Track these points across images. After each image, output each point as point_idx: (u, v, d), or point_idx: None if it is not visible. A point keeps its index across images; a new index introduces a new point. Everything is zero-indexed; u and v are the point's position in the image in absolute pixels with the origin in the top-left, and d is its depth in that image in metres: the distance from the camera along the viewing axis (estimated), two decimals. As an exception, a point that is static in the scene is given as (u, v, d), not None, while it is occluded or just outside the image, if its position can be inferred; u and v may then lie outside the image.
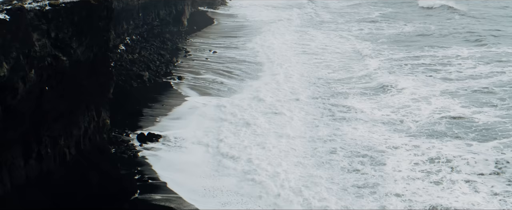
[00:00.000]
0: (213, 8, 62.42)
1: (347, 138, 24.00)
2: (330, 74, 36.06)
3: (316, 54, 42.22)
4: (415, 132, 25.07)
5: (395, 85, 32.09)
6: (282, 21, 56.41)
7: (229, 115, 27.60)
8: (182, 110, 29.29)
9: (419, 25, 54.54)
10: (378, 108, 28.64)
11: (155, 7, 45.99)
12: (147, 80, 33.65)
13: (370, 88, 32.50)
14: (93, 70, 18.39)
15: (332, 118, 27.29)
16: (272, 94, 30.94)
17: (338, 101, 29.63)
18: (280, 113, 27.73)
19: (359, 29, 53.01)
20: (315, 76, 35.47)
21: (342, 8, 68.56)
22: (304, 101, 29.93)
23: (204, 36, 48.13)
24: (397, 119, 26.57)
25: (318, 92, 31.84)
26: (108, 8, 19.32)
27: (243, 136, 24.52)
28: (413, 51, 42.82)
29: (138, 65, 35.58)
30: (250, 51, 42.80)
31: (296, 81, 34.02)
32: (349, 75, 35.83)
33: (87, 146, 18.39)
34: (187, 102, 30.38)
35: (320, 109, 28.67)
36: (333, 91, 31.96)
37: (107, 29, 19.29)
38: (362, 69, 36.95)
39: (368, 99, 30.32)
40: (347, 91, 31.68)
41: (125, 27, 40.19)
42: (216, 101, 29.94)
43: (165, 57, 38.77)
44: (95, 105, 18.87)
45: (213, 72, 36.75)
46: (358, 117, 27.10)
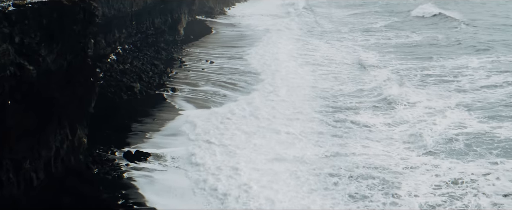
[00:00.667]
0: (212, 17, 60.19)
1: (355, 158, 21.26)
2: (337, 87, 33.43)
3: (321, 65, 39.73)
4: (432, 149, 22.46)
5: (407, 98, 29.56)
6: (283, 31, 54.10)
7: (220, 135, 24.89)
8: (176, 124, 26.81)
9: (425, 34, 52.30)
10: (390, 123, 26.07)
11: (150, 15, 43.68)
12: (138, 92, 31.21)
13: (380, 101, 29.95)
14: (67, 81, 15.93)
15: (338, 135, 24.56)
16: (272, 109, 28.34)
17: (346, 116, 26.99)
18: (279, 131, 25.03)
19: (364, 39, 50.64)
20: (320, 89, 32.85)
21: (344, 17, 66.30)
22: (308, 116, 27.27)
23: (201, 46, 45.78)
24: (412, 135, 23.96)
25: (324, 107, 29.16)
26: (86, 10, 16.92)
27: (237, 158, 21.81)
28: (421, 62, 40.59)
29: (129, 76, 33.16)
30: (250, 62, 40.41)
31: (299, 94, 31.41)
32: (357, 87, 33.25)
33: (59, 168, 15.87)
34: (182, 117, 27.93)
35: (325, 125, 25.94)
36: (340, 105, 29.34)
37: (85, 34, 16.86)
38: (370, 80, 34.48)
39: (379, 113, 27.71)
40: (355, 105, 29.08)
41: (117, 35, 37.82)
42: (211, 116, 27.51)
43: (158, 68, 36.36)
44: (70, 121, 16.37)
45: (212, 83, 34.33)
46: (368, 133, 24.54)
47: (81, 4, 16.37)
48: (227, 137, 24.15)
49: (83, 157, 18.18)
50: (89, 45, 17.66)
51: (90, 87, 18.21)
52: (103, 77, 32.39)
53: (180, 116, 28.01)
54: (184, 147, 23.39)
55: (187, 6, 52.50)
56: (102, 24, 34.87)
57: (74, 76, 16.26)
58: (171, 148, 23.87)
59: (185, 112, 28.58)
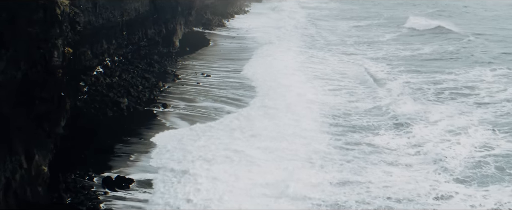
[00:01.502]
0: (210, 29, 57.24)
1: (376, 187, 18.06)
2: (347, 103, 30.20)
3: (327, 79, 36.50)
4: (461, 175, 19.35)
5: (425, 115, 26.61)
6: (285, 43, 51.05)
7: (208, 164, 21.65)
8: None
9: (434, 47, 49.30)
10: (410, 144, 22.94)
11: (143, 25, 40.77)
12: (125, 109, 28.13)
13: (396, 119, 26.77)
14: (23, 97, 12.87)
15: (354, 160, 21.19)
16: (273, 129, 25.09)
17: (362, 138, 23.79)
18: (282, 156, 21.78)
19: (372, 51, 47.66)
20: (329, 105, 29.65)
21: (348, 30, 63.42)
22: (315, 137, 24.10)
23: (197, 59, 42.72)
24: (436, 159, 20.79)
25: (336, 127, 25.89)
26: (47, 8, 13.85)
27: (228, 189, 18.60)
28: (432, 74, 37.68)
29: (116, 90, 30.10)
30: (250, 75, 37.31)
31: (305, 111, 28.27)
32: (371, 104, 29.91)
33: (12, 203, 12.73)
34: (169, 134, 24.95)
35: (336, 148, 22.72)
36: (354, 125, 26.10)
37: (45, 39, 13.81)
38: (384, 96, 31.32)
39: (396, 133, 24.54)
40: (370, 124, 25.89)
41: (105, 46, 34.86)
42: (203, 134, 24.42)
43: (150, 81, 33.28)
44: (25, 146, 13.26)
45: (208, 98, 31.29)
46: (386, 156, 21.38)
47: (40, 0, 13.32)
48: (219, 162, 20.97)
49: (43, 188, 14.95)
50: (56, 53, 14.54)
51: (57, 104, 15.08)
52: (87, 92, 29.42)
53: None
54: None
55: (183, 17, 49.61)
56: (88, 33, 31.97)
57: (32, 90, 13.18)
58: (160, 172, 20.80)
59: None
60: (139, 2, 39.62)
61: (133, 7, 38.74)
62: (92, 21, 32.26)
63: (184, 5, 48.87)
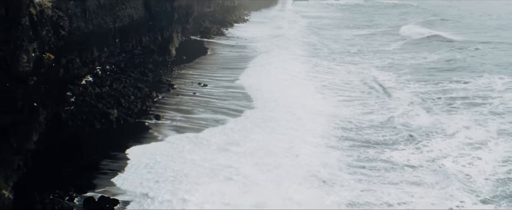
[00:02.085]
0: (208, 37, 55.24)
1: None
2: (359, 115, 27.90)
3: (337, 89, 34.30)
4: (489, 195, 17.21)
5: (442, 127, 24.57)
6: (288, 52, 48.92)
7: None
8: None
9: (440, 55, 47.31)
10: (430, 159, 20.80)
11: (137, 32, 38.74)
12: (115, 120, 26.03)
13: (411, 131, 24.68)
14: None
15: (368, 179, 19.00)
16: (276, 144, 22.79)
17: (377, 154, 21.55)
18: (283, 176, 19.49)
19: (377, 60, 45.67)
20: (340, 118, 27.33)
21: (353, 38, 61.47)
22: (326, 155, 21.71)
23: (195, 68, 40.66)
24: (460, 176, 18.62)
25: (343, 140, 23.74)
26: (10, 5, 11.76)
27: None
28: (440, 83, 35.78)
29: (105, 101, 28.00)
30: (250, 85, 35.11)
31: (312, 124, 25.98)
32: (382, 116, 27.68)
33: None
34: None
35: (351, 167, 20.33)
36: (367, 139, 23.85)
37: (7, 40, 11.71)
38: (396, 106, 29.25)
39: (415, 148, 22.28)
40: (384, 139, 23.69)
41: (96, 54, 32.80)
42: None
43: (142, 91, 31.17)
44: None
45: (204, 109, 29.18)
46: (407, 174, 19.17)
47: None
48: (210, 181, 18.77)
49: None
50: (25, 58, 12.43)
51: (28, 116, 12.94)
52: (74, 102, 27.32)
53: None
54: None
55: (180, 25, 47.62)
56: (77, 40, 29.94)
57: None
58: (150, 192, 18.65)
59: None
60: (133, 8, 37.64)
61: (127, 14, 36.74)
62: (81, 27, 30.22)
63: (181, 12, 46.92)
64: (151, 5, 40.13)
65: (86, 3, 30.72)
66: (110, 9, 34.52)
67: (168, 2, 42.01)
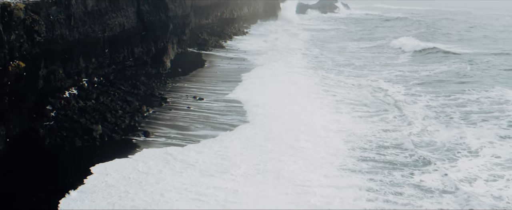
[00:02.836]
0: (206, 49, 52.67)
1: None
2: (377, 133, 25.13)
3: (346, 104, 31.69)
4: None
5: (466, 143, 22.11)
6: (291, 64, 46.51)
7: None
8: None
9: (450, 67, 45.27)
10: (466, 180, 18.32)
11: (129, 42, 36.20)
12: (99, 137, 23.32)
13: (433, 151, 22.03)
14: None
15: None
16: (286, 168, 19.85)
17: (404, 179, 18.75)
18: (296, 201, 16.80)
19: (386, 72, 43.32)
20: (359, 136, 24.57)
21: (358, 50, 59.08)
22: (344, 180, 18.92)
23: (190, 80, 38.02)
24: (500, 204, 15.93)
25: (367, 163, 20.86)
26: None
27: None
28: (452, 95, 33.99)
29: (89, 116, 25.34)
30: (251, 99, 32.41)
31: (325, 144, 23.06)
32: (401, 133, 24.95)
33: None
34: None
35: (376, 194, 17.56)
36: (388, 161, 21.06)
37: None
38: (411, 121, 26.82)
39: (441, 169, 19.54)
40: (406, 161, 20.93)
41: (83, 65, 30.23)
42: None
43: (132, 105, 28.51)
44: None
45: (206, 126, 26.50)
46: (434, 200, 16.47)
47: None
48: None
49: None
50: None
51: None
52: (54, 117, 24.64)
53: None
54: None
55: (176, 36, 45.10)
56: (60, 49, 27.37)
57: None
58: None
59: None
60: (124, 17, 35.16)
61: (117, 22, 34.26)
62: (65, 35, 27.69)
63: (177, 23, 44.45)
64: (144, 14, 37.69)
65: (70, 9, 28.25)
66: (98, 17, 32.04)
67: (162, 12, 39.53)
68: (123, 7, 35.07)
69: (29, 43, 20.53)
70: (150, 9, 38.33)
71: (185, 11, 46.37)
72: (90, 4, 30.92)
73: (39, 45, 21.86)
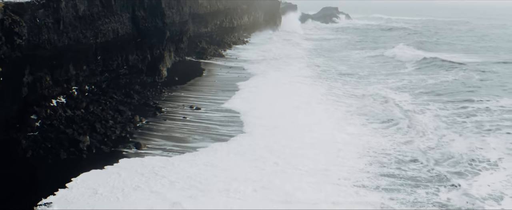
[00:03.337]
0: (204, 58, 51.02)
1: None
2: (394, 147, 23.37)
3: (360, 114, 30.05)
4: None
5: (482, 154, 20.63)
6: (293, 73, 44.85)
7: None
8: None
9: (456, 76, 43.72)
10: (493, 197, 16.57)
11: (122, 49, 34.56)
12: (86, 149, 21.55)
13: (454, 165, 20.35)
14: None
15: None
16: (297, 186, 17.96)
17: (428, 196, 16.99)
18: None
19: (392, 81, 41.71)
20: (376, 149, 22.87)
21: (362, 60, 57.46)
22: (369, 198, 17.17)
23: (188, 90, 36.31)
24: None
25: (387, 180, 19.15)
26: None
27: None
28: (461, 104, 32.66)
29: (77, 126, 23.60)
30: (252, 109, 30.70)
31: (340, 158, 21.38)
32: (415, 144, 23.39)
33: None
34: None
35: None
36: (409, 177, 19.31)
37: None
38: (425, 132, 25.30)
39: (466, 185, 17.91)
40: (427, 176, 19.20)
41: (73, 72, 28.58)
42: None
43: (124, 115, 26.78)
44: None
45: (206, 137, 24.78)
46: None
47: None
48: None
49: None
50: None
51: None
52: (39, 127, 22.90)
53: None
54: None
55: (173, 44, 43.46)
56: (48, 55, 25.71)
57: None
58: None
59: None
60: (118, 22, 33.57)
61: (111, 28, 32.66)
62: (53, 40, 26.07)
63: (174, 30, 42.84)
64: (139, 20, 36.10)
65: (59, 12, 26.64)
66: (90, 22, 30.46)
67: (159, 18, 37.93)
68: (117, 12, 33.49)
69: (8, 46, 18.88)
70: (146, 15, 36.75)
71: (183, 18, 44.79)
72: (82, 8, 29.34)
73: (21, 49, 20.20)
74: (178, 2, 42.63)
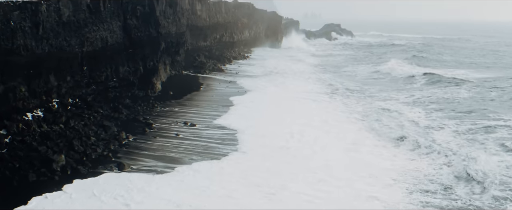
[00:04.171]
0: (202, 72, 48.14)
1: None
2: (424, 170, 20.55)
3: (380, 133, 27.30)
4: None
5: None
6: (298, 89, 42.12)
7: None
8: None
9: (469, 93, 41.10)
10: None
11: (112, 60, 31.77)
12: (59, 170, 18.57)
13: (479, 192, 17.45)
14: None
15: None
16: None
17: None
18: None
19: (403, 97, 39.09)
20: (408, 173, 20.15)
21: (370, 75, 54.86)
22: None
23: (183, 104, 33.37)
24: None
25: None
26: None
27: None
28: (478, 121, 30.14)
29: (53, 143, 20.63)
30: (251, 126, 27.86)
31: (370, 182, 18.65)
32: (452, 170, 20.47)
33: None
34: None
35: None
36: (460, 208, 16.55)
37: None
38: (449, 149, 22.86)
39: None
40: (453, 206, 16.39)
41: (54, 83, 25.77)
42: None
43: (109, 131, 23.82)
44: None
45: (205, 157, 21.86)
46: None
47: None
48: None
49: None
50: None
51: None
52: (8, 144, 19.94)
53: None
54: None
55: (169, 56, 40.63)
56: (23, 63, 22.92)
57: None
58: None
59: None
60: (107, 30, 30.85)
61: (99, 36, 29.92)
62: (30, 46, 23.29)
63: (170, 41, 40.02)
64: (131, 28, 33.38)
65: (39, 16, 23.88)
66: (76, 29, 27.72)
67: (153, 27, 35.21)
68: (107, 19, 30.78)
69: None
70: (139, 23, 34.03)
71: (180, 29, 42.07)
72: (66, 13, 26.63)
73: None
74: (175, 12, 39.96)
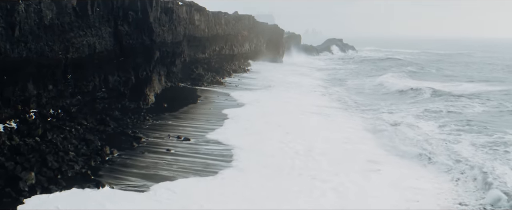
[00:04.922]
0: (200, 85, 45.62)
1: None
2: (458, 191, 18.47)
3: (397, 150, 24.89)
4: None
5: None
6: (305, 102, 40.05)
7: None
8: None
9: (482, 107, 38.73)
10: None
11: (101, 68, 29.27)
12: (27, 190, 15.91)
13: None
14: None
15: None
16: None
17: None
18: None
19: (413, 109, 36.77)
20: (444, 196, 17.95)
21: (377, 89, 52.55)
22: None
23: (178, 117, 30.76)
24: None
25: None
26: None
27: None
28: (495, 135, 27.99)
29: (23, 158, 17.98)
30: (252, 143, 25.21)
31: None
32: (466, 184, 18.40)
33: None
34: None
35: None
36: None
37: None
38: (473, 166, 20.75)
39: None
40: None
41: (33, 92, 23.23)
42: None
43: (91, 146, 21.17)
44: None
45: (184, 173, 19.31)
46: None
47: None
48: None
49: None
50: None
51: None
52: (-30, 160, 17.28)
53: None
54: None
55: (164, 66, 38.15)
56: (-4, 68, 20.42)
57: None
58: None
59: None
60: (95, 36, 28.39)
61: (86, 42, 27.45)
62: (3, 49, 20.77)
63: (166, 51, 37.59)
64: (123, 35, 30.94)
65: (15, 16, 21.42)
66: (60, 34, 25.23)
67: (146, 34, 32.77)
68: (95, 24, 28.35)
69: None
70: (131, 30, 31.60)
71: (176, 39, 39.65)
72: (49, 15, 24.17)
73: None
74: (171, 20, 37.58)
